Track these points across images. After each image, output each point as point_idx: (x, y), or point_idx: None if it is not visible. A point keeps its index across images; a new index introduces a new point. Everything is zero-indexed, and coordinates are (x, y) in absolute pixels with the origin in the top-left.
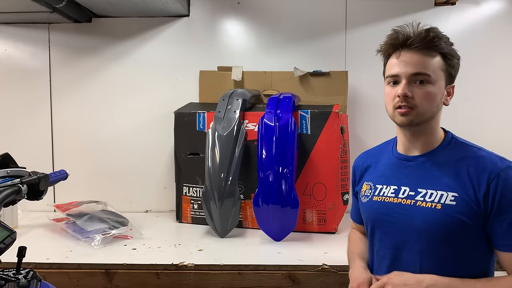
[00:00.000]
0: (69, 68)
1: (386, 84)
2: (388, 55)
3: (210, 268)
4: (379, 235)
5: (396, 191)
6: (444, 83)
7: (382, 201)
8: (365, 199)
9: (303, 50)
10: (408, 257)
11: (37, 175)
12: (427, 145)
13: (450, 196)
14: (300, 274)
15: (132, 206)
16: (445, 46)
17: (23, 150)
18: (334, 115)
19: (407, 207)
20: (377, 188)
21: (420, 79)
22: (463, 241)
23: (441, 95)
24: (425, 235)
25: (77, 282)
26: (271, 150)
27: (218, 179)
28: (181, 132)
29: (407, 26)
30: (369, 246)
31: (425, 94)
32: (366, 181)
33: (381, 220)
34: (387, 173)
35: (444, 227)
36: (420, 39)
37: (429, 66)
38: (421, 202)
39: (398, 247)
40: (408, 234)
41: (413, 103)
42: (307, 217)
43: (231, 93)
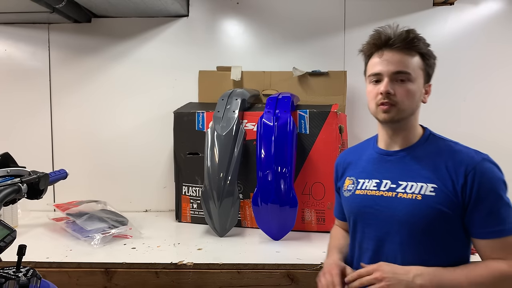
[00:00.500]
0: (69, 68)
1: (368, 82)
2: (369, 55)
3: (209, 267)
4: (362, 227)
5: (378, 184)
6: (422, 81)
7: (364, 194)
8: (347, 193)
9: (302, 50)
10: (390, 248)
11: (37, 175)
12: (406, 140)
13: (430, 187)
14: (298, 273)
15: (131, 205)
16: (423, 47)
17: (23, 150)
18: (332, 115)
19: (389, 199)
20: (360, 182)
21: (401, 77)
22: (442, 231)
23: (420, 93)
24: (406, 226)
25: (76, 281)
26: (270, 149)
27: (217, 179)
28: (180, 132)
29: (388, 27)
30: (351, 240)
31: (406, 92)
32: (349, 176)
33: (363, 212)
34: (369, 168)
35: (425, 217)
36: (401, 40)
37: (409, 65)
38: (402, 193)
39: (381, 239)
40: (390, 226)
41: (395, 100)
42: (306, 216)
43: (230, 92)
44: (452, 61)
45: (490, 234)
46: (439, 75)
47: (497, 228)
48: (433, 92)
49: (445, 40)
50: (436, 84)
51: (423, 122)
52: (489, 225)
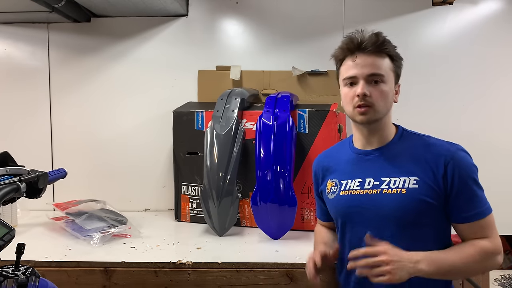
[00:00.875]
0: (68, 67)
1: (343, 86)
2: (342, 59)
3: (208, 266)
4: (351, 227)
5: (361, 183)
6: (393, 82)
7: (349, 195)
8: (331, 196)
9: (301, 49)
10: None
11: (36, 173)
12: (382, 139)
13: (413, 180)
14: (297, 272)
15: (131, 205)
16: (392, 49)
17: (22, 149)
18: (331, 114)
19: (374, 196)
20: (343, 184)
21: (375, 79)
22: (428, 221)
23: (392, 93)
24: (394, 220)
25: (76, 280)
26: (269, 149)
27: (216, 178)
28: (179, 131)
29: (357, 32)
30: (341, 240)
31: (380, 93)
32: (330, 179)
33: (350, 213)
34: (349, 168)
35: (411, 210)
36: (372, 43)
37: (381, 67)
38: (387, 189)
39: (363, 237)
40: (378, 222)
41: (370, 101)
42: (305, 215)
43: (230, 92)
44: (451, 61)
45: (471, 218)
46: (439, 75)
47: (476, 210)
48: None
49: (444, 40)
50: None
51: (422, 123)
52: (470, 209)
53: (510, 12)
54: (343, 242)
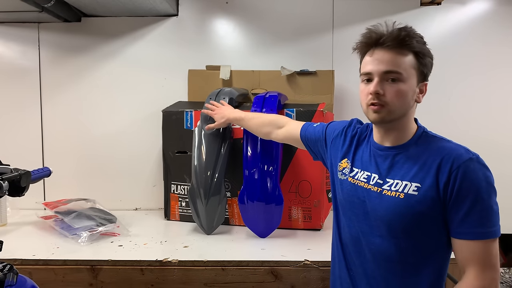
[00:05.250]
0: (58, 67)
1: (361, 81)
2: (363, 53)
3: (194, 264)
4: (347, 216)
5: (368, 177)
6: (416, 81)
7: (355, 184)
8: (341, 176)
9: (291, 49)
10: (370, 241)
11: (19, 172)
12: (398, 139)
13: (413, 187)
14: (282, 270)
15: (121, 204)
16: (417, 45)
17: (13, 149)
18: (319, 114)
19: (374, 194)
20: (354, 171)
21: (392, 77)
22: (422, 232)
23: (413, 93)
24: (386, 223)
25: (62, 278)
26: (256, 148)
27: (204, 177)
28: (169, 131)
29: (381, 25)
30: (335, 222)
31: (396, 92)
32: (347, 158)
33: (351, 201)
34: (364, 159)
35: (404, 217)
36: (392, 38)
37: (400, 64)
38: (387, 191)
39: (363, 230)
40: (372, 220)
41: (384, 100)
42: (293, 214)
43: (218, 91)
44: (438, 61)
45: (465, 235)
46: None
47: (472, 230)
48: None
49: (432, 40)
50: None
51: None
52: (464, 225)
53: (498, 12)
54: (338, 223)
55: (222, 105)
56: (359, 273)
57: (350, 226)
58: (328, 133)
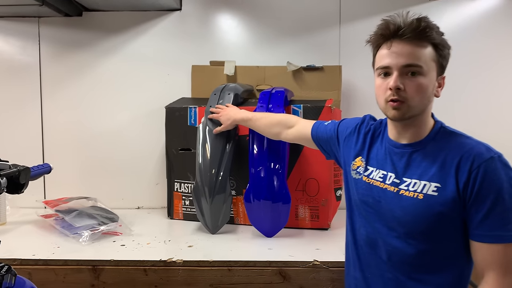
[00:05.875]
0: (59, 63)
1: (377, 75)
2: (378, 46)
3: (199, 264)
4: (362, 216)
5: (384, 176)
6: (435, 74)
7: (370, 184)
8: (356, 175)
9: (297, 44)
10: (387, 242)
11: (17, 168)
12: (416, 135)
13: (433, 187)
14: (290, 270)
15: (123, 202)
16: (437, 36)
17: (13, 146)
18: (327, 110)
19: (390, 194)
20: (368, 170)
21: (412, 70)
22: (442, 234)
23: (433, 87)
24: (404, 224)
25: (63, 279)
26: (262, 145)
27: (209, 175)
28: (172, 127)
29: (397, 15)
30: (348, 221)
31: (416, 87)
32: (362, 156)
33: (365, 201)
34: (379, 157)
35: (424, 219)
36: (411, 29)
37: (421, 57)
38: (405, 191)
39: (379, 231)
40: (389, 221)
41: (404, 96)
42: (300, 213)
43: (223, 87)
44: None
45: (483, 238)
46: None
47: (492, 232)
48: None
49: None
50: None
51: None
52: (483, 227)
53: (508, 7)
54: (352, 226)
55: (226, 107)
56: (375, 275)
57: (365, 227)
58: (340, 131)
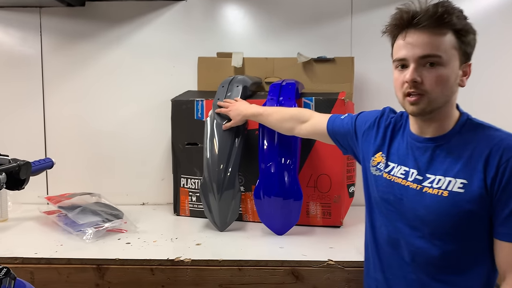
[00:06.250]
0: (61, 54)
1: (394, 68)
2: (394, 37)
3: (208, 264)
4: (382, 215)
5: (406, 173)
6: (458, 62)
7: (391, 181)
8: (376, 172)
9: (307, 35)
10: (409, 242)
11: (17, 163)
12: (439, 129)
13: (459, 183)
14: (304, 270)
15: (128, 198)
16: (458, 22)
17: (15, 141)
18: (340, 103)
19: (413, 191)
20: (389, 166)
21: (430, 61)
22: (469, 234)
23: (455, 77)
24: (428, 224)
25: (66, 278)
26: (273, 140)
27: (217, 170)
28: (178, 121)
29: (413, 2)
30: (368, 220)
31: (436, 78)
32: (382, 152)
33: (386, 199)
34: (400, 152)
35: (450, 217)
36: (427, 17)
37: (439, 46)
38: (428, 188)
39: (400, 230)
40: (411, 220)
41: (423, 88)
42: (311, 210)
43: (231, 79)
44: None
45: (506, 236)
46: None
47: None
48: None
49: None
50: None
51: None
52: (508, 225)
53: None
54: (371, 228)
55: (235, 101)
56: (397, 276)
57: (386, 226)
58: (358, 125)
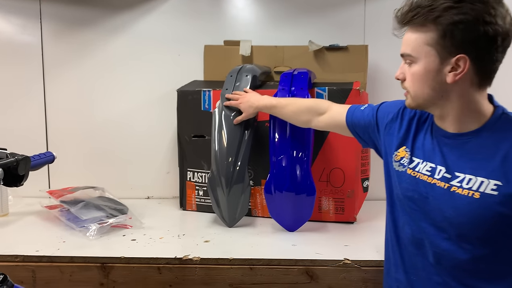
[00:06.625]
0: (63, 43)
1: None
2: None
3: (218, 262)
4: (406, 214)
5: (432, 169)
6: (436, 58)
7: (415, 177)
8: (399, 168)
9: (318, 22)
10: (435, 244)
11: (15, 158)
12: (464, 124)
13: (492, 185)
14: (318, 270)
15: (132, 192)
16: (429, 14)
17: (14, 133)
18: (355, 93)
19: (440, 190)
20: (414, 161)
21: (406, 60)
22: (504, 239)
23: (435, 73)
24: (456, 226)
25: (70, 277)
26: (284, 132)
27: (225, 164)
28: (184, 112)
29: None
30: (390, 217)
31: (410, 76)
32: (406, 146)
33: (410, 197)
34: (426, 147)
35: (481, 221)
36: (402, 16)
37: (409, 44)
38: (457, 188)
39: (426, 230)
40: (438, 220)
41: (405, 86)
42: (323, 205)
43: (240, 68)
44: None
45: None
46: None
47: None
48: None
49: None
50: None
51: None
52: None
53: None
54: (393, 227)
55: (245, 93)
56: (421, 278)
57: (410, 225)
58: (380, 117)
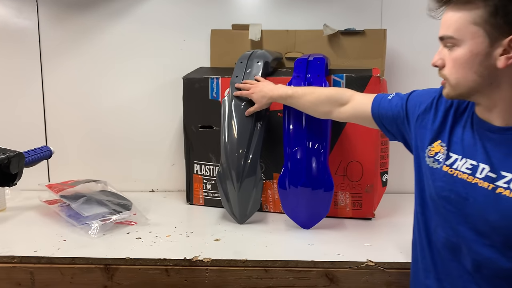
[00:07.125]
0: (61, 27)
1: None
2: None
3: (231, 264)
4: (443, 212)
5: (473, 167)
6: (484, 39)
7: (453, 175)
8: (433, 164)
9: (333, 5)
10: (474, 250)
11: (7, 154)
12: (508, 116)
13: None
14: (339, 272)
15: (136, 185)
16: None
17: (11, 125)
18: (375, 80)
19: (483, 191)
20: (451, 157)
21: (446, 43)
22: None
23: (482, 57)
24: (501, 232)
25: (71, 279)
26: (300, 122)
27: (236, 156)
28: (191, 101)
29: None
30: (420, 218)
31: (452, 61)
32: (442, 140)
33: (446, 197)
34: (466, 142)
35: None
36: None
37: (450, 24)
38: (504, 189)
39: (464, 235)
40: (479, 224)
41: (443, 74)
42: (340, 200)
43: (250, 54)
44: None
45: None
46: None
47: None
48: None
49: None
50: None
51: None
52: None
53: None
54: (425, 229)
55: (257, 82)
56: (456, 286)
57: (444, 228)
58: (411, 107)
